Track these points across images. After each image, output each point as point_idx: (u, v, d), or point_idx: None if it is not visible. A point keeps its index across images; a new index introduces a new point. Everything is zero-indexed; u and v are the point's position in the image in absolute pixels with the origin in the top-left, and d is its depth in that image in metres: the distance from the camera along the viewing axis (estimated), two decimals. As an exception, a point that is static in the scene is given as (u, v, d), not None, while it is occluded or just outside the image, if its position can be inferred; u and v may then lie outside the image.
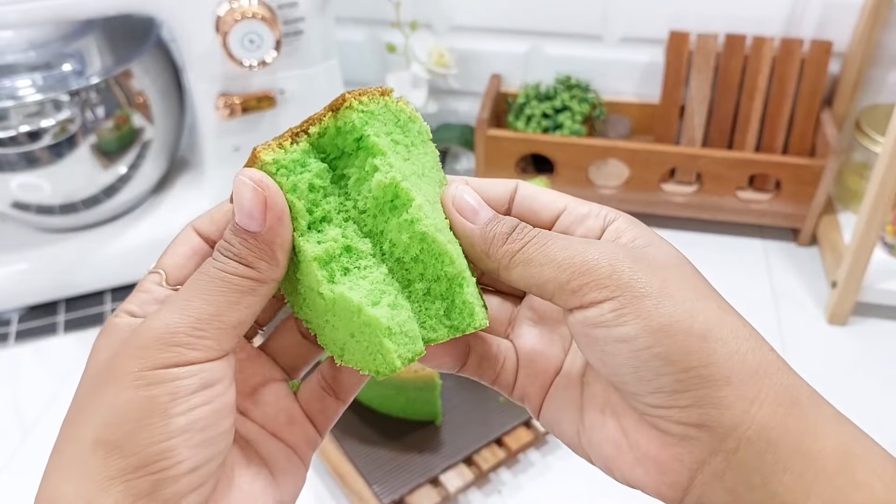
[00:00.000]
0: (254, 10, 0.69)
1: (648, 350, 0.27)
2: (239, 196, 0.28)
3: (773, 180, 0.87)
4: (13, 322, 0.82)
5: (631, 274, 0.27)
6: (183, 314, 0.26)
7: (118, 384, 0.26)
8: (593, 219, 0.31)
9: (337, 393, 0.34)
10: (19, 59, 0.72)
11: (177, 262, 0.31)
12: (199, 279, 0.28)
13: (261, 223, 0.28)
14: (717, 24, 0.87)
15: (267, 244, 0.28)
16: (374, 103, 0.31)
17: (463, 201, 0.31)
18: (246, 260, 0.28)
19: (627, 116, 0.94)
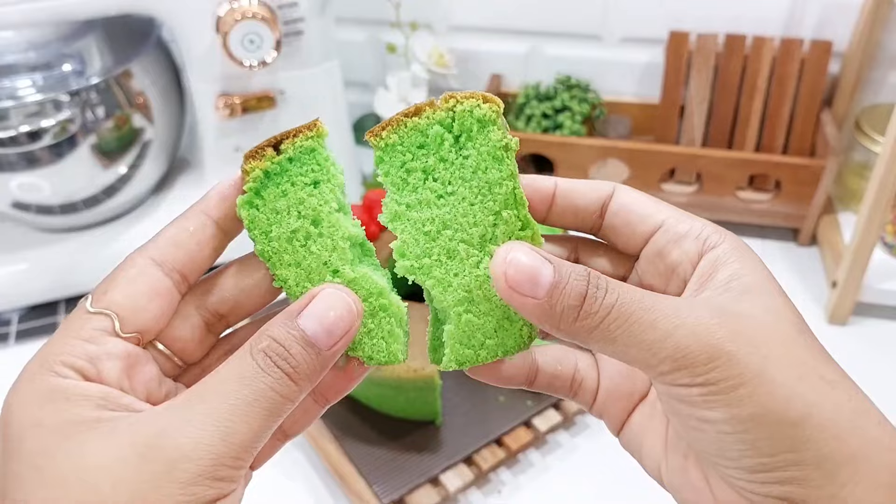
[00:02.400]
0: (254, 10, 0.69)
1: (734, 435, 0.25)
2: (332, 312, 0.25)
3: (773, 180, 0.88)
4: (13, 322, 0.82)
5: (728, 360, 0.24)
6: (226, 442, 0.23)
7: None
8: (692, 241, 0.28)
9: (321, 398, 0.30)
10: (19, 60, 0.73)
11: (135, 304, 0.26)
12: (242, 392, 0.24)
13: (331, 345, 0.25)
14: (716, 24, 0.87)
15: (323, 365, 0.25)
16: (396, 133, 0.29)
17: (515, 275, 0.25)
18: (300, 375, 0.24)
19: (627, 116, 0.94)
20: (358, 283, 0.28)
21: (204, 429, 0.23)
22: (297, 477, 0.65)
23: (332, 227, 0.28)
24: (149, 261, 0.27)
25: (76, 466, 0.22)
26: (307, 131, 0.29)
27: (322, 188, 0.29)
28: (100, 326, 0.25)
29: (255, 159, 0.29)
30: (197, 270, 0.28)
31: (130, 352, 0.26)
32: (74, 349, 0.24)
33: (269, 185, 0.29)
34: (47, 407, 0.23)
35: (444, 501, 0.61)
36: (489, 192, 0.28)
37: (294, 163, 0.29)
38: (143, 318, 0.26)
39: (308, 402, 0.30)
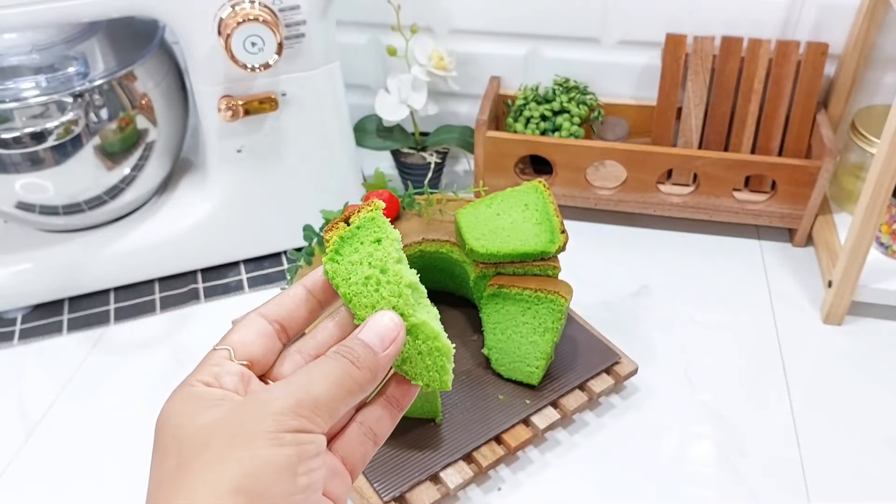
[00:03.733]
0: (256, 13, 0.70)
1: None
2: (382, 325, 0.34)
3: (770, 181, 0.88)
4: (17, 321, 0.82)
5: None
6: (307, 394, 0.31)
7: (256, 441, 0.29)
8: None
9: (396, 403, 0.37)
10: (23, 62, 0.73)
11: (245, 339, 0.35)
12: (317, 369, 0.32)
13: (383, 349, 0.34)
14: (713, 27, 0.88)
15: (380, 363, 0.34)
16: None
17: None
18: (362, 364, 0.33)
19: (625, 118, 0.95)
20: (419, 328, 0.35)
21: (289, 386, 0.31)
22: (298, 474, 0.66)
23: (397, 276, 0.36)
24: (257, 314, 0.36)
25: (197, 427, 0.30)
26: (368, 206, 0.37)
27: (384, 243, 0.37)
28: (221, 356, 0.34)
29: (332, 231, 0.37)
30: (294, 325, 0.37)
31: (244, 372, 0.34)
32: (204, 371, 0.33)
33: (345, 246, 0.37)
34: (184, 402, 0.32)
35: (445, 498, 0.62)
36: None
37: (361, 229, 0.37)
38: (251, 350, 0.35)
39: (388, 406, 0.37)
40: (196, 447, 0.29)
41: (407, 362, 0.36)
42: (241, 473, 0.28)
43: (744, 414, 0.70)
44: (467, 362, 0.71)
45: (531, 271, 0.67)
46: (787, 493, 0.63)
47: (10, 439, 0.70)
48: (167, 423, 0.31)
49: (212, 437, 0.29)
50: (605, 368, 0.70)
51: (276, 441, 0.29)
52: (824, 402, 0.71)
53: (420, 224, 0.74)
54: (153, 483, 0.30)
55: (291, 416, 0.30)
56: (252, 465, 0.28)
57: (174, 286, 0.86)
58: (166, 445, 0.30)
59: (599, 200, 0.91)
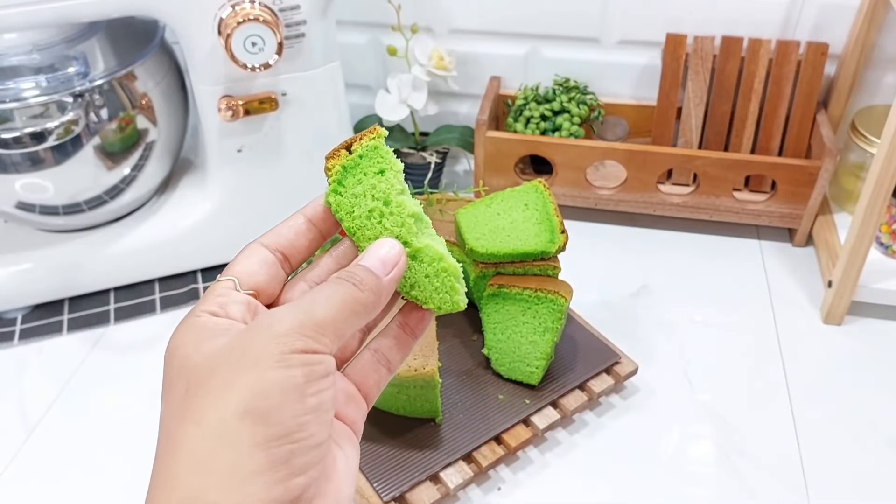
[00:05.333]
0: (256, 12, 0.70)
1: None
2: (383, 251, 0.34)
3: (770, 181, 0.88)
4: (17, 321, 0.82)
5: None
6: (309, 315, 0.31)
7: (262, 364, 0.29)
8: None
9: (410, 330, 0.37)
10: (23, 61, 0.73)
11: (248, 269, 0.34)
12: (320, 293, 0.32)
13: (385, 273, 0.34)
14: (713, 27, 0.88)
15: (383, 286, 0.34)
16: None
17: None
18: (365, 287, 0.33)
19: (625, 118, 0.95)
20: (423, 252, 0.35)
21: (292, 309, 0.31)
22: (298, 474, 0.66)
23: (399, 206, 0.35)
24: (257, 244, 0.36)
25: (203, 354, 0.30)
26: (370, 134, 0.36)
27: (387, 175, 0.36)
28: (226, 286, 0.34)
29: (333, 159, 0.36)
30: (296, 254, 0.36)
31: (250, 301, 0.34)
32: (209, 301, 0.33)
33: (348, 177, 0.36)
34: (189, 332, 0.32)
35: (445, 498, 0.62)
36: None
37: (364, 158, 0.36)
38: (256, 279, 0.34)
39: (399, 333, 0.37)
40: (203, 374, 0.30)
41: (416, 287, 0.36)
42: (250, 395, 0.28)
43: (744, 414, 0.70)
44: (467, 362, 0.71)
45: (531, 271, 0.67)
46: (787, 492, 0.63)
47: (10, 439, 0.70)
48: (174, 355, 0.31)
49: (218, 363, 0.30)
50: (604, 368, 0.70)
51: (282, 362, 0.29)
52: (824, 402, 0.71)
53: (420, 224, 0.74)
54: (164, 415, 0.30)
55: (297, 337, 0.30)
56: (260, 387, 0.28)
57: (174, 286, 0.86)
58: (174, 376, 0.31)
59: (599, 200, 0.91)
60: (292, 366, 0.29)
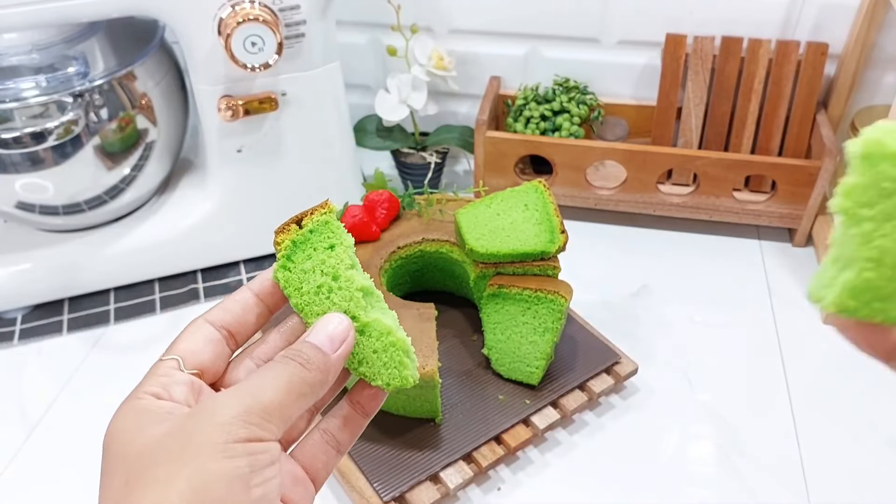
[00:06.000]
0: (256, 13, 0.70)
1: None
2: (331, 326, 0.34)
3: (769, 181, 0.88)
4: (17, 321, 0.82)
5: None
6: (255, 400, 0.30)
7: (204, 454, 0.28)
8: None
9: (361, 409, 0.36)
10: (23, 61, 0.73)
11: (193, 348, 0.34)
12: (266, 374, 0.31)
13: (333, 350, 0.33)
14: (713, 27, 0.88)
15: (331, 364, 0.33)
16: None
17: None
18: (312, 366, 0.32)
19: (625, 118, 0.95)
20: (371, 326, 0.35)
21: (238, 393, 0.30)
22: (298, 474, 0.66)
23: (348, 281, 0.35)
24: (203, 321, 0.35)
25: (144, 441, 0.29)
26: (321, 209, 0.36)
27: (337, 250, 0.36)
28: (170, 366, 0.33)
29: (283, 233, 0.36)
30: (242, 330, 0.36)
31: (194, 382, 0.33)
32: (152, 382, 0.32)
33: (297, 252, 0.36)
34: (130, 416, 0.31)
35: (445, 498, 0.62)
36: None
37: (314, 233, 0.36)
38: (200, 358, 0.34)
39: (350, 412, 0.36)
40: (143, 465, 0.28)
41: (364, 363, 0.35)
42: (191, 489, 0.27)
43: (744, 414, 0.70)
44: (467, 362, 0.71)
45: (531, 271, 0.67)
46: (787, 493, 0.63)
47: (9, 439, 0.70)
48: (114, 441, 0.30)
49: (159, 453, 0.28)
50: (604, 368, 0.70)
51: (225, 453, 0.28)
52: (824, 402, 0.71)
53: (420, 224, 0.74)
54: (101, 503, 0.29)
55: (241, 425, 0.29)
56: (202, 480, 0.27)
57: (174, 286, 0.86)
58: (113, 466, 0.29)
59: (599, 200, 0.91)
60: (236, 456, 0.28)
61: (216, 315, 0.35)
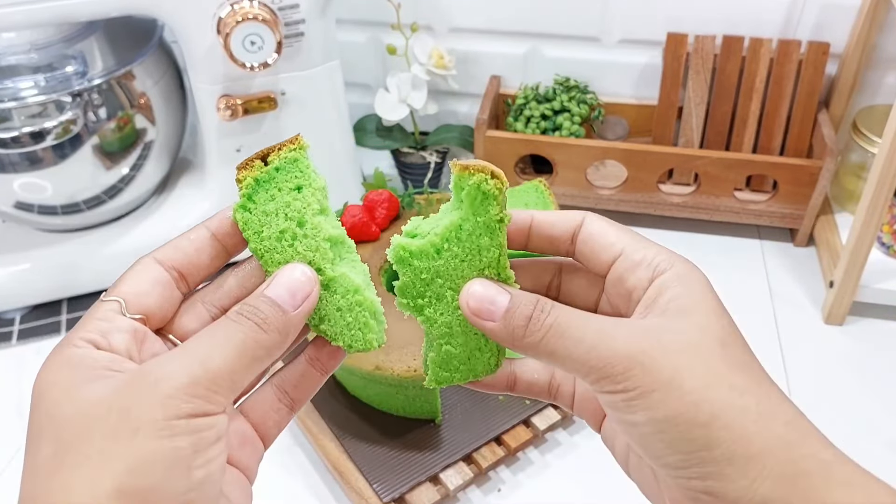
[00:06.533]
0: (255, 11, 0.70)
1: (655, 436, 0.28)
2: (288, 277, 0.31)
3: (771, 181, 0.88)
4: (16, 321, 0.82)
5: (641, 371, 0.28)
6: (203, 368, 0.27)
7: (143, 432, 0.25)
8: (644, 268, 0.31)
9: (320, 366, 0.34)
10: (22, 61, 0.73)
11: (138, 289, 0.30)
12: (217, 335, 0.28)
13: (296, 306, 0.30)
14: (714, 26, 0.87)
15: (291, 322, 0.30)
16: None
17: (476, 305, 0.31)
18: (269, 327, 0.29)
19: (625, 118, 0.95)
20: (337, 282, 0.32)
21: (183, 358, 0.27)
22: (297, 475, 0.66)
23: (315, 229, 0.32)
24: (151, 259, 0.31)
25: (77, 405, 0.26)
26: (290, 144, 0.33)
27: (305, 192, 0.33)
28: (110, 309, 0.30)
29: (245, 170, 0.33)
30: (195, 272, 0.32)
31: (137, 328, 0.30)
32: (89, 327, 0.29)
33: (260, 192, 0.32)
34: (63, 370, 0.27)
35: (444, 499, 0.61)
36: (478, 255, 0.33)
37: (280, 171, 0.33)
38: (146, 302, 0.30)
39: (307, 369, 0.34)
40: (75, 435, 0.26)
41: (325, 321, 0.32)
42: (126, 470, 0.25)
43: (745, 415, 0.70)
44: (467, 363, 0.71)
45: (531, 271, 0.66)
46: (788, 494, 0.63)
47: (8, 439, 0.70)
48: (43, 398, 0.27)
49: (93, 424, 0.26)
50: (605, 369, 0.70)
51: (166, 430, 0.25)
52: (825, 402, 0.70)
53: (420, 224, 0.74)
54: (27, 470, 0.27)
55: (185, 399, 0.26)
56: (138, 461, 0.25)
57: (173, 286, 0.86)
58: (41, 426, 0.27)
59: (600, 200, 0.90)
60: (178, 434, 0.25)
61: (166, 253, 0.31)
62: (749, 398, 0.29)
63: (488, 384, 0.35)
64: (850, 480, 0.28)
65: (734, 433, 0.28)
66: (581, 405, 0.37)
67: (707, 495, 0.28)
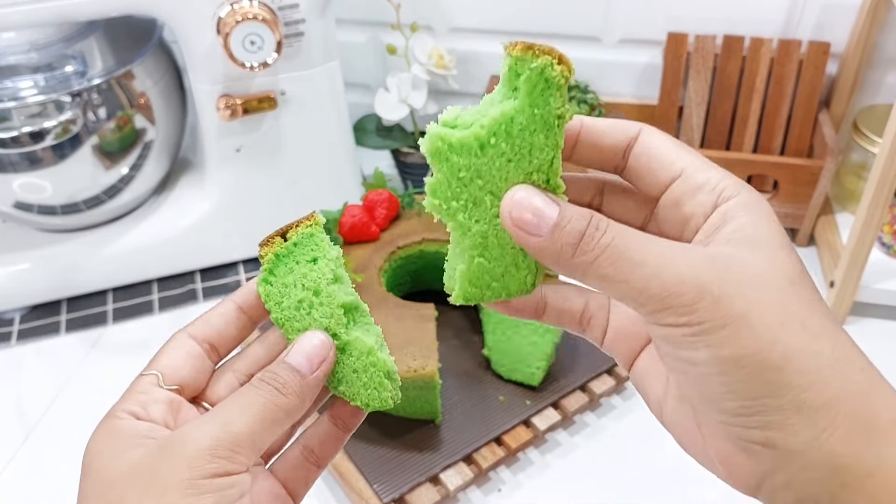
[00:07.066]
0: (255, 11, 0.70)
1: (715, 377, 0.26)
2: (308, 344, 0.33)
3: (771, 181, 0.88)
4: (15, 321, 0.82)
5: (712, 302, 0.25)
6: (225, 431, 0.29)
7: (171, 491, 0.27)
8: (707, 193, 0.28)
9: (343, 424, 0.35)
10: (21, 61, 0.73)
11: (173, 363, 0.33)
12: (240, 401, 0.31)
13: (312, 370, 0.32)
14: (715, 26, 0.87)
15: (309, 386, 0.32)
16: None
17: (520, 215, 0.28)
18: (288, 390, 0.31)
19: (626, 117, 0.95)
20: (352, 346, 0.34)
21: (209, 423, 0.30)
22: (297, 475, 0.66)
23: (329, 297, 0.34)
24: (185, 335, 0.34)
25: (119, 469, 0.29)
26: (307, 221, 0.35)
27: (320, 263, 0.35)
28: (150, 382, 0.33)
29: (267, 246, 0.35)
30: (224, 343, 0.35)
31: (173, 399, 0.32)
32: (130, 399, 0.32)
33: (280, 265, 0.35)
34: (108, 439, 0.30)
35: (445, 500, 0.61)
36: (528, 155, 0.29)
37: (298, 246, 0.35)
38: (181, 374, 0.33)
39: (331, 428, 0.35)
40: (118, 496, 0.28)
41: (343, 382, 0.34)
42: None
43: (745, 415, 0.69)
44: (467, 363, 0.71)
45: (532, 271, 0.66)
46: (788, 494, 0.63)
47: (8, 440, 0.70)
48: (91, 464, 0.30)
49: (128, 486, 0.28)
50: (606, 369, 0.70)
51: (192, 489, 0.27)
52: (826, 403, 0.70)
53: (420, 224, 0.74)
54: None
55: (208, 459, 0.28)
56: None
57: (172, 286, 0.86)
58: (90, 487, 0.29)
59: (600, 200, 0.90)
60: (203, 493, 0.28)
61: (198, 329, 0.34)
62: (824, 341, 0.26)
63: (517, 307, 0.33)
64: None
65: (808, 378, 0.25)
66: (614, 339, 0.33)
67: (764, 447, 0.26)
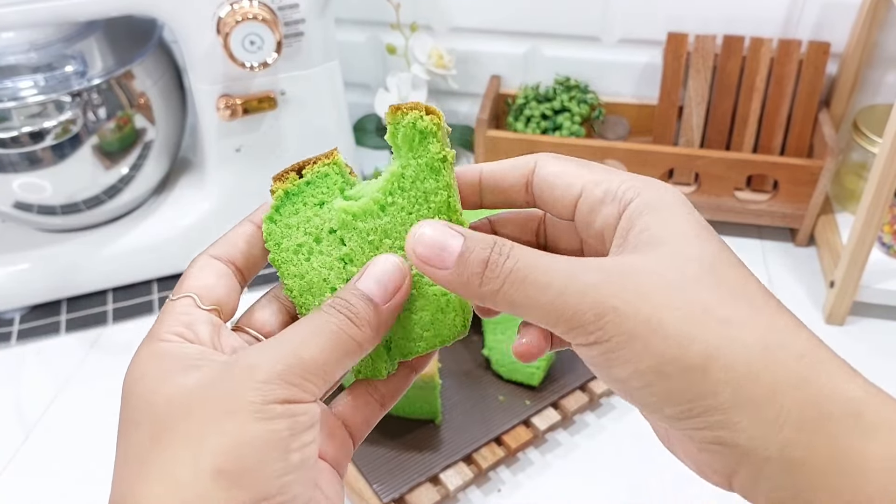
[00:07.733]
0: (255, 11, 0.70)
1: (644, 389, 0.25)
2: (383, 270, 0.30)
3: (771, 181, 0.88)
4: (15, 322, 0.82)
5: (615, 315, 0.25)
6: (297, 357, 0.27)
7: (240, 414, 0.25)
8: (609, 204, 0.28)
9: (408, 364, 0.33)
10: (21, 61, 0.73)
11: (206, 283, 0.31)
12: (310, 326, 0.28)
13: (387, 299, 0.30)
14: (715, 26, 0.87)
15: (383, 317, 0.29)
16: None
17: (424, 251, 0.28)
18: (361, 321, 0.29)
19: (626, 117, 0.94)
20: None
21: (279, 348, 0.27)
22: (297, 475, 0.66)
23: (331, 247, 0.32)
24: (207, 256, 0.32)
25: (174, 391, 0.26)
26: (325, 158, 0.33)
27: (325, 208, 0.32)
28: (186, 304, 0.30)
29: (280, 181, 0.33)
30: (249, 265, 0.33)
31: (214, 320, 0.30)
32: (172, 321, 0.29)
33: (287, 204, 0.33)
34: (154, 362, 0.28)
35: (445, 500, 0.61)
36: (425, 202, 0.30)
37: (310, 185, 0.33)
38: (217, 293, 0.31)
39: (373, 406, 0.33)
40: (173, 417, 0.26)
41: None
42: (225, 450, 0.25)
43: (745, 415, 0.69)
44: (467, 363, 0.71)
45: (531, 271, 0.66)
46: (789, 494, 0.63)
47: (7, 440, 0.70)
48: (136, 386, 0.27)
49: (191, 408, 0.26)
50: (605, 369, 0.70)
51: (263, 413, 0.25)
52: (826, 402, 0.70)
53: (420, 224, 0.74)
54: (120, 457, 0.27)
55: (280, 385, 0.26)
56: (237, 442, 0.25)
57: (172, 286, 0.85)
58: (137, 412, 0.27)
59: (600, 200, 0.90)
60: (276, 417, 0.26)
61: (220, 249, 0.32)
62: (748, 331, 0.25)
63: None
64: (886, 422, 0.24)
65: (737, 373, 0.24)
66: None
67: (719, 446, 0.25)
